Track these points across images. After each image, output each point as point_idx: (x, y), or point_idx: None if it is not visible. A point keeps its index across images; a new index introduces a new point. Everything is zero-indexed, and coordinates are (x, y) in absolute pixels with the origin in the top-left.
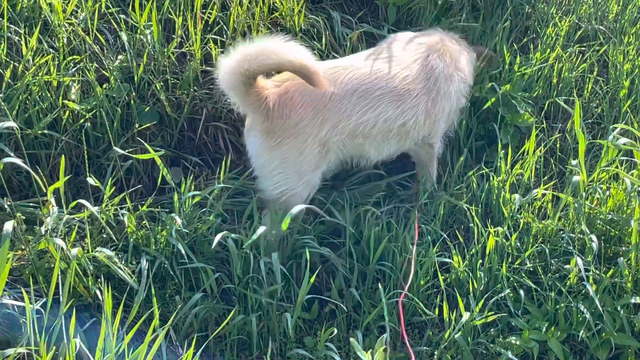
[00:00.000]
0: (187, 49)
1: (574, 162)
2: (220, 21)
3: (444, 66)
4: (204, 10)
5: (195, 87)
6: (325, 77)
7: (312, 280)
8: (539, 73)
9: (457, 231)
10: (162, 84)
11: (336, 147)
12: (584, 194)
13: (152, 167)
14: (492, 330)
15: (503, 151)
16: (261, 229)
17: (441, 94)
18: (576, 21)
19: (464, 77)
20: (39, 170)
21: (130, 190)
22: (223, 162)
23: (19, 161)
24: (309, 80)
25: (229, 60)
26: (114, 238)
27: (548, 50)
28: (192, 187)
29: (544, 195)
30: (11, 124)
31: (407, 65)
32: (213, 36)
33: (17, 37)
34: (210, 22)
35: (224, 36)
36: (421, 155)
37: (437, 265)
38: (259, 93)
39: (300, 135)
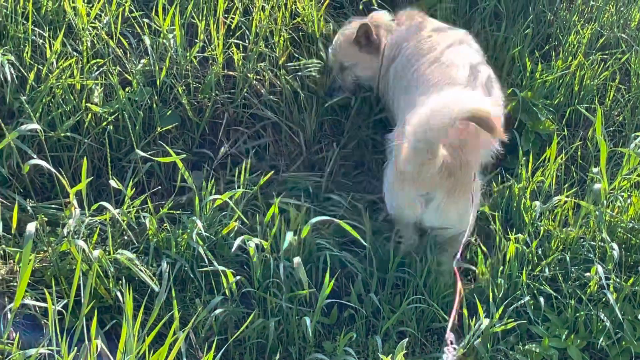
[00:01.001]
0: (209, 53)
1: (595, 170)
2: (243, 26)
3: None
4: (226, 15)
5: (217, 92)
6: None
7: (331, 284)
8: (561, 80)
9: (477, 237)
10: (184, 88)
11: None
12: (605, 202)
13: (172, 170)
14: (511, 337)
15: (524, 158)
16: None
17: None
18: (598, 29)
19: None
20: (62, 172)
21: (150, 192)
22: (243, 166)
23: (43, 163)
24: (488, 127)
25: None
26: (135, 240)
27: (570, 57)
28: (213, 191)
29: (564, 202)
30: (35, 126)
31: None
32: (235, 40)
33: (41, 40)
34: (232, 27)
35: (246, 41)
36: None
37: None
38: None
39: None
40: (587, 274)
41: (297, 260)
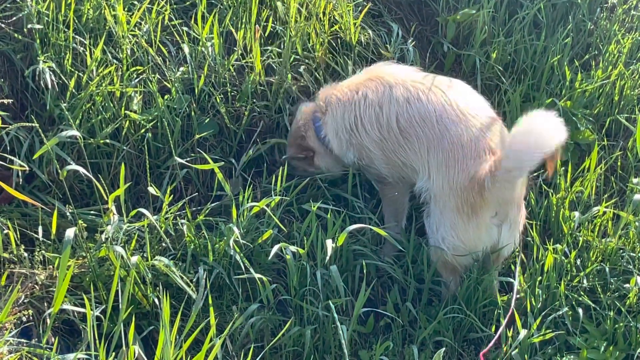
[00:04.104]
0: (246, 61)
1: (635, 180)
2: (281, 33)
3: None
4: (265, 24)
5: (254, 99)
6: None
7: (367, 293)
8: (600, 90)
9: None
10: (222, 96)
11: None
12: None
13: (210, 177)
14: (549, 348)
15: (563, 168)
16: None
17: None
18: (639, 38)
19: None
20: (101, 179)
21: (187, 198)
22: (279, 173)
23: (81, 169)
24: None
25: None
26: (171, 247)
27: (610, 67)
28: (250, 198)
29: (604, 213)
30: (74, 132)
31: None
32: (272, 47)
33: (82, 48)
34: (270, 35)
35: (283, 48)
36: None
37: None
38: None
39: None
40: (627, 285)
41: (334, 268)
